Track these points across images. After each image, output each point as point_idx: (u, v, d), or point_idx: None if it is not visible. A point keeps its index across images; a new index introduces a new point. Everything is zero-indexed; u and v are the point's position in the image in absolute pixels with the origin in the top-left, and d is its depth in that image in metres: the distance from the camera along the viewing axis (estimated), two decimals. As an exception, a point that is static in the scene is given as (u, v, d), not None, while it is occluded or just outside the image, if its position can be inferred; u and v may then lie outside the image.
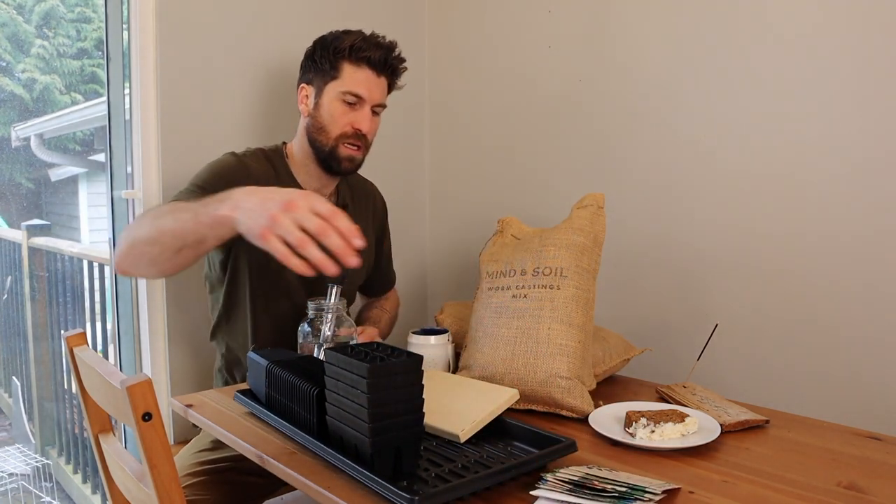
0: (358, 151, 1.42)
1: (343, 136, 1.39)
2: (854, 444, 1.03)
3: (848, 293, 1.35)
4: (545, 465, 0.92)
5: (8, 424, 3.39)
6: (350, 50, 1.37)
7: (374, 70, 1.39)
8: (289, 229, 0.88)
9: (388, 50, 1.41)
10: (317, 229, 0.88)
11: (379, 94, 1.41)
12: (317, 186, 1.48)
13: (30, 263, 3.07)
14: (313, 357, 1.21)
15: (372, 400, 0.87)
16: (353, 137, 1.40)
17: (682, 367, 1.41)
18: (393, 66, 1.43)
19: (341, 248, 0.89)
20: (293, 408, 1.07)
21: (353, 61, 1.38)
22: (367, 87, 1.39)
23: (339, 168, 1.42)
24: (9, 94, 3.54)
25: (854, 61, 1.32)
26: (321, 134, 1.40)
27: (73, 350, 1.00)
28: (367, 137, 1.42)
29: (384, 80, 1.42)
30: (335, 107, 1.39)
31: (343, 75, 1.38)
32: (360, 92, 1.38)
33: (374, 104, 1.41)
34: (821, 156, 1.37)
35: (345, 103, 1.38)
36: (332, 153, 1.40)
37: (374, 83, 1.39)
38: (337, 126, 1.39)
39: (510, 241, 1.42)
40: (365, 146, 1.43)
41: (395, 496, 0.81)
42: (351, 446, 0.92)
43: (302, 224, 0.89)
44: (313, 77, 1.42)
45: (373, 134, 1.44)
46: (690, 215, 1.56)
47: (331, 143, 1.40)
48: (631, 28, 1.64)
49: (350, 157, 1.41)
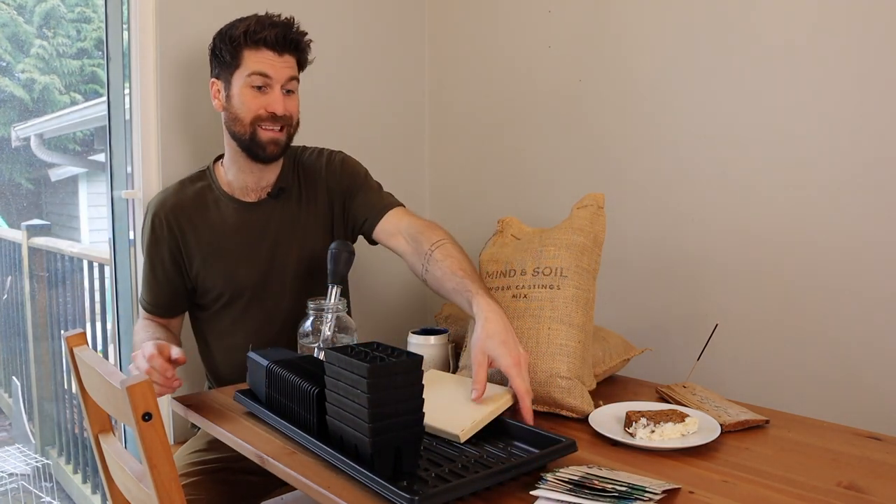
0: (280, 133, 1.39)
1: (258, 119, 1.37)
2: (854, 444, 1.03)
3: (848, 293, 1.34)
4: (545, 465, 0.92)
5: (8, 424, 3.39)
6: (245, 36, 1.35)
7: (274, 49, 1.36)
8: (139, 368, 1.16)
9: (284, 27, 1.38)
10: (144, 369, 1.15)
11: (286, 71, 1.38)
12: (252, 181, 1.46)
13: (30, 263, 3.07)
14: (313, 357, 1.21)
15: (372, 400, 0.87)
16: (268, 120, 1.37)
17: (682, 367, 1.41)
18: (294, 40, 1.39)
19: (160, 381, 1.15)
20: (293, 408, 1.07)
21: (250, 46, 1.36)
22: (271, 66, 1.36)
23: (265, 153, 1.39)
24: (9, 95, 3.54)
25: (854, 63, 1.32)
26: (237, 124, 1.38)
27: (73, 350, 1.00)
28: (287, 117, 1.39)
29: (289, 57, 1.39)
30: (245, 94, 1.37)
31: (245, 62, 1.36)
32: (263, 70, 1.36)
33: (283, 83, 1.38)
34: (821, 156, 1.37)
35: (253, 88, 1.36)
36: (253, 139, 1.38)
37: (276, 62, 1.36)
38: (249, 110, 1.37)
39: (510, 241, 1.42)
40: (288, 126, 1.41)
41: (395, 496, 0.81)
42: (351, 446, 0.92)
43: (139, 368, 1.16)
44: (220, 71, 1.41)
45: (293, 112, 1.42)
46: (690, 215, 1.56)
47: (248, 130, 1.38)
48: (631, 28, 1.63)
49: (273, 140, 1.39)
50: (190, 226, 1.43)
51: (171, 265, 1.43)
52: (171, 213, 1.42)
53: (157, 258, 1.43)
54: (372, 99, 1.98)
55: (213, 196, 1.46)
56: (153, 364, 1.14)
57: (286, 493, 1.47)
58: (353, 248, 1.31)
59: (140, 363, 1.16)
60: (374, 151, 2.00)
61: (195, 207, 1.44)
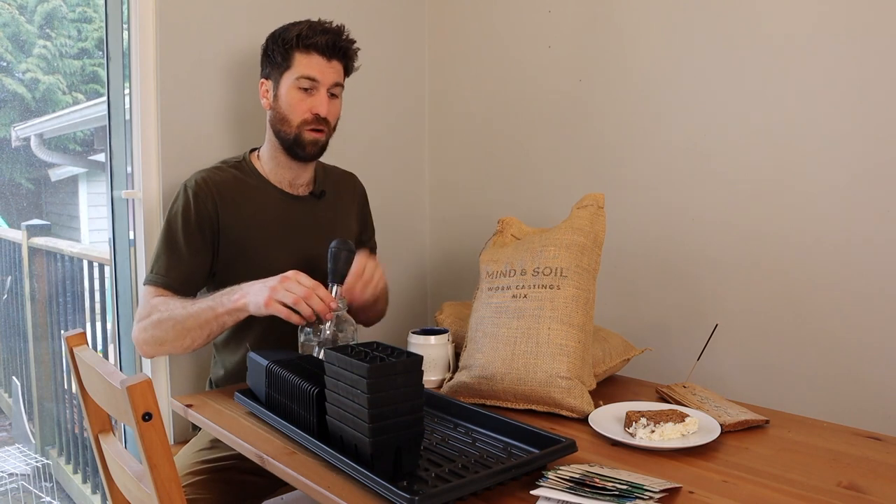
0: (321, 134, 1.46)
1: (304, 123, 1.44)
2: (854, 444, 1.03)
3: (848, 293, 1.34)
4: (545, 465, 0.92)
5: (8, 424, 3.39)
6: (297, 39, 1.42)
7: (324, 55, 1.43)
8: (283, 295, 1.20)
9: (334, 34, 1.44)
10: (304, 294, 1.19)
11: (332, 76, 1.45)
12: (290, 177, 1.52)
13: (30, 263, 3.07)
14: (313, 357, 1.21)
15: (372, 400, 0.87)
16: (313, 122, 1.44)
17: (682, 367, 1.41)
18: (343, 48, 1.46)
19: (322, 307, 1.20)
20: (293, 408, 1.07)
21: (302, 50, 1.42)
22: (319, 70, 1.43)
23: (305, 153, 1.46)
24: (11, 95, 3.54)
25: (854, 63, 1.32)
26: (284, 124, 1.45)
27: (73, 350, 1.00)
28: (327, 120, 1.46)
29: (336, 63, 1.46)
30: (292, 95, 1.43)
31: (295, 64, 1.43)
32: (312, 75, 1.42)
33: (329, 86, 1.44)
34: (821, 156, 1.37)
35: (300, 90, 1.43)
36: (297, 140, 1.45)
37: (325, 67, 1.43)
38: (296, 113, 1.43)
39: (510, 241, 1.42)
40: (328, 129, 1.47)
41: (395, 496, 0.81)
42: (351, 446, 0.92)
43: (291, 290, 1.20)
44: (270, 71, 1.47)
45: (334, 116, 1.48)
46: (690, 215, 1.56)
47: (294, 132, 1.44)
48: (631, 28, 1.63)
49: (314, 141, 1.45)
50: (232, 204, 1.45)
51: (203, 239, 1.42)
52: (214, 188, 1.44)
53: (193, 228, 1.41)
54: (372, 98, 1.98)
55: (254, 182, 1.50)
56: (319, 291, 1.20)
57: (286, 493, 1.47)
58: (353, 247, 1.32)
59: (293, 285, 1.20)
60: (375, 151, 2.00)
61: (237, 188, 1.47)
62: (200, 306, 1.29)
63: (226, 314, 1.27)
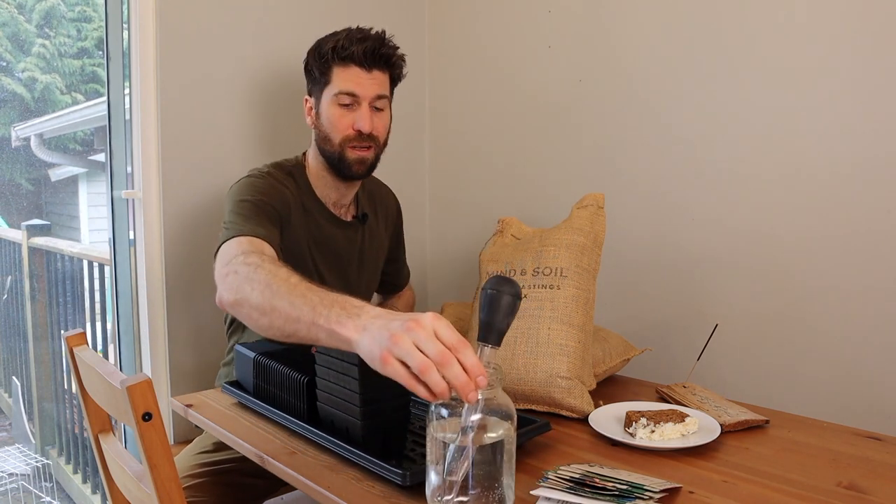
0: (367, 151, 1.38)
1: (346, 140, 1.36)
2: (854, 444, 1.03)
3: (848, 293, 1.34)
4: (522, 444, 0.96)
5: (8, 424, 3.39)
6: (333, 52, 1.34)
7: (362, 66, 1.34)
8: (408, 350, 0.74)
9: (374, 41, 1.35)
10: (438, 357, 0.73)
11: (374, 88, 1.36)
12: (336, 197, 1.45)
13: (30, 263, 3.06)
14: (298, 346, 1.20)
15: (363, 385, 0.93)
16: (356, 139, 1.36)
17: (682, 367, 1.41)
18: (384, 55, 1.37)
19: (463, 383, 0.73)
20: (283, 396, 1.12)
21: (339, 63, 1.35)
22: (357, 84, 1.34)
23: (351, 172, 1.38)
24: (10, 94, 3.53)
25: (854, 62, 1.32)
26: (326, 143, 1.38)
27: (73, 350, 1.00)
28: (374, 136, 1.37)
29: (378, 73, 1.37)
30: (332, 112, 1.36)
31: (334, 79, 1.36)
32: (350, 90, 1.34)
33: (371, 100, 1.36)
34: (821, 156, 1.37)
35: (340, 106, 1.35)
36: (341, 159, 1.37)
37: (364, 78, 1.35)
38: (337, 131, 1.36)
39: (510, 241, 1.42)
40: (376, 145, 1.39)
41: (388, 472, 0.86)
42: (342, 430, 0.98)
43: (421, 347, 0.75)
44: (312, 88, 1.41)
45: (381, 131, 1.40)
46: (691, 215, 1.56)
47: (337, 150, 1.37)
48: (631, 28, 1.63)
49: (360, 160, 1.38)
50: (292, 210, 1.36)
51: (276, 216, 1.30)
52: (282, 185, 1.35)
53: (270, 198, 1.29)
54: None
55: (311, 196, 1.42)
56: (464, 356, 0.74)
57: (286, 493, 1.47)
58: (519, 290, 0.82)
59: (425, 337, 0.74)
60: (375, 151, 2.00)
61: (297, 198, 1.38)
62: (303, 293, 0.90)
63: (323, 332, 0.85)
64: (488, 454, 0.75)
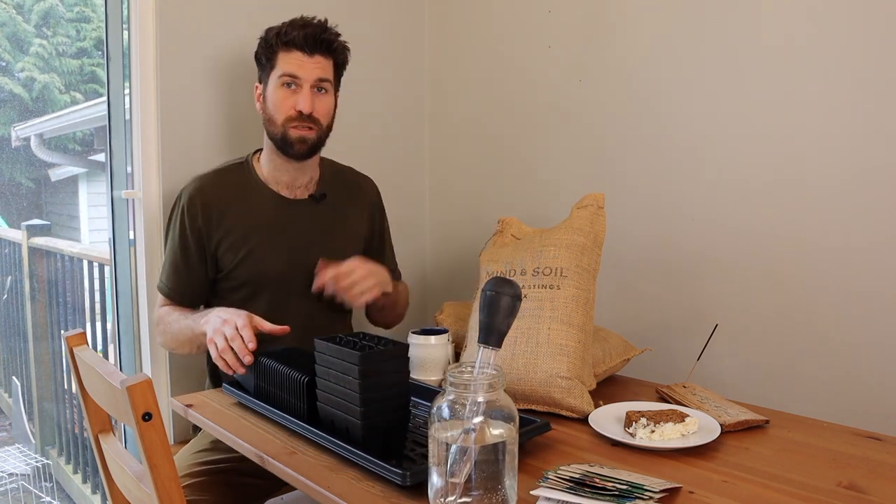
0: (310, 132, 1.43)
1: (289, 120, 1.41)
2: (854, 444, 1.03)
3: (848, 293, 1.34)
4: (522, 444, 0.95)
5: (8, 424, 3.39)
6: (277, 38, 1.41)
7: (303, 50, 1.40)
8: (220, 338, 1.21)
9: (316, 27, 1.42)
10: (229, 336, 1.20)
11: (315, 71, 1.41)
12: (287, 180, 1.50)
13: (30, 263, 3.06)
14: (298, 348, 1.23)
15: (363, 386, 0.94)
16: (297, 119, 1.41)
17: (682, 367, 1.41)
18: (325, 41, 1.42)
19: (240, 349, 1.19)
20: (283, 396, 1.12)
21: (282, 48, 1.41)
22: (299, 67, 1.40)
23: (293, 151, 1.43)
24: (8, 94, 3.54)
25: (855, 62, 1.32)
26: (271, 124, 1.44)
27: (73, 350, 1.00)
28: (315, 117, 1.42)
29: (320, 58, 1.42)
30: (276, 94, 1.42)
31: (278, 63, 1.42)
32: (292, 72, 1.40)
33: (313, 82, 1.41)
34: (821, 157, 1.37)
35: (284, 87, 1.41)
36: (284, 138, 1.43)
37: (306, 62, 1.41)
38: (280, 111, 1.42)
39: (510, 241, 1.42)
40: (318, 127, 1.44)
41: (388, 472, 0.86)
42: (342, 430, 0.98)
43: (224, 334, 1.21)
44: (261, 74, 1.47)
45: (322, 113, 1.44)
46: (691, 215, 1.56)
47: (280, 130, 1.42)
48: (631, 28, 1.63)
49: (301, 139, 1.43)
50: (227, 210, 1.45)
51: (197, 252, 1.44)
52: (208, 197, 1.44)
53: (186, 243, 1.44)
54: (372, 98, 1.98)
55: (253, 186, 1.49)
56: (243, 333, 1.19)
57: (286, 493, 1.47)
58: (519, 291, 0.84)
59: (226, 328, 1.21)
60: (374, 151, 2.00)
61: (234, 194, 1.47)
62: (187, 323, 1.35)
63: (200, 335, 1.29)
64: (491, 455, 0.76)
